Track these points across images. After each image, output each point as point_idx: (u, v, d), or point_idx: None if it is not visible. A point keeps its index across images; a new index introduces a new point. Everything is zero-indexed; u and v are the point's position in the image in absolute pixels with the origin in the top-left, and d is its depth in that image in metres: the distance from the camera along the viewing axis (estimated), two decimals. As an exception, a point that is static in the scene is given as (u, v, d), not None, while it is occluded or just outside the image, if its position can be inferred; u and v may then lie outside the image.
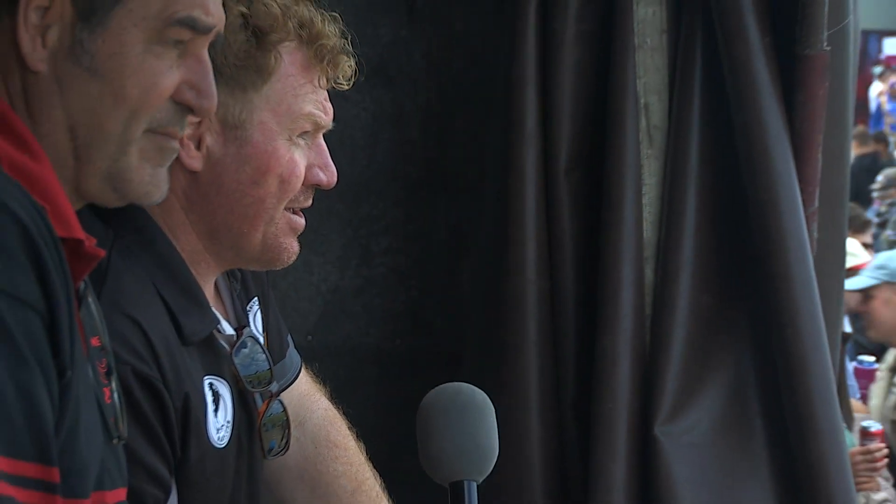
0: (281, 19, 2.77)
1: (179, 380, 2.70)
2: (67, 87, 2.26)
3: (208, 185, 2.80)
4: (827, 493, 3.89)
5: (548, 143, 4.00)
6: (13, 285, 2.06)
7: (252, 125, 2.78)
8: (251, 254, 2.86)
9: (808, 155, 3.94)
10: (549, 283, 4.01)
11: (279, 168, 2.80)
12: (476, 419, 2.72)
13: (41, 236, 2.12)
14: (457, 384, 2.77)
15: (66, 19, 2.24)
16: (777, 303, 3.88)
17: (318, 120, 2.85)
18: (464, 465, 2.70)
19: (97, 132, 2.27)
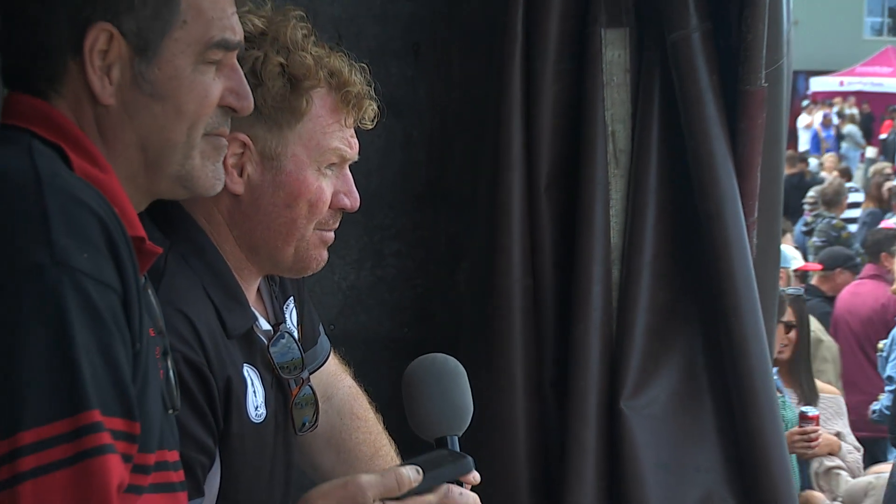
0: (313, 69, 2.81)
1: (222, 365, 2.73)
2: (135, 113, 2.30)
3: (248, 206, 2.83)
4: (764, 455, 3.92)
5: (530, 165, 4.02)
6: (98, 271, 2.11)
7: (286, 157, 2.82)
8: (285, 264, 2.90)
9: (748, 174, 3.96)
10: (532, 282, 4.02)
11: (308, 194, 2.83)
12: (451, 383, 2.77)
13: (116, 231, 2.15)
14: (432, 355, 2.82)
15: (124, 57, 2.27)
16: (722, 297, 3.91)
17: (343, 154, 2.89)
18: (445, 423, 2.78)
19: (165, 144, 2.32)
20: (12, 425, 2.02)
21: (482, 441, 3.96)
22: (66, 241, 2.08)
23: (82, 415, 2.04)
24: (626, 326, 3.97)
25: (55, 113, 2.28)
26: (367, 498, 2.40)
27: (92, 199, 2.16)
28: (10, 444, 2.02)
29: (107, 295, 2.11)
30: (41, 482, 2.01)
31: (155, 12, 2.29)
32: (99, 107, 2.29)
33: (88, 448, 2.04)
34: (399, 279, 4.39)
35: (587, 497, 3.90)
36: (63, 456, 2.03)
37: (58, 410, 2.03)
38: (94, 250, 2.11)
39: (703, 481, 3.94)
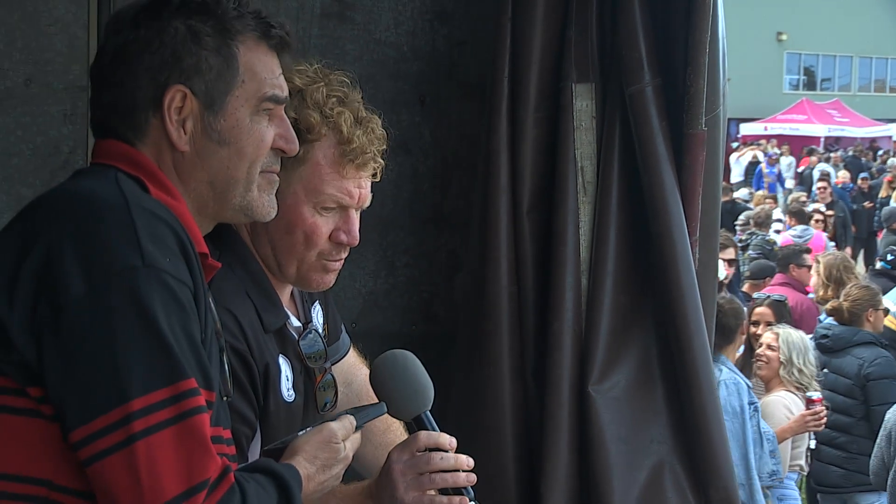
0: (317, 126, 2.76)
1: (262, 354, 2.72)
2: (206, 156, 2.34)
3: (261, 229, 2.81)
4: (706, 429, 3.89)
5: (515, 193, 3.99)
6: (177, 271, 2.15)
7: (287, 192, 2.76)
8: (289, 278, 2.87)
9: (691, 201, 3.94)
10: (516, 288, 4.00)
11: (303, 226, 2.79)
12: (411, 373, 2.73)
13: (187, 243, 2.22)
14: (384, 355, 2.79)
15: (195, 111, 2.30)
16: (671, 301, 3.88)
17: (340, 201, 2.81)
18: (416, 404, 2.72)
19: (230, 181, 2.35)
20: (122, 395, 2.05)
21: (475, 420, 3.96)
22: (152, 247, 2.12)
23: (181, 382, 2.08)
24: (592, 325, 3.93)
25: (135, 152, 2.30)
26: (338, 438, 2.43)
27: (168, 217, 2.20)
28: (122, 412, 2.04)
29: (184, 290, 2.15)
30: (152, 440, 2.04)
31: (219, 75, 2.31)
32: (176, 152, 2.32)
33: (188, 409, 2.08)
34: (408, 286, 4.36)
35: (561, 465, 3.87)
36: (168, 416, 2.06)
37: (160, 380, 2.07)
38: (173, 255, 2.15)
39: (656, 451, 3.90)
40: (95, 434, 2.06)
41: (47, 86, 4.11)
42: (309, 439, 2.42)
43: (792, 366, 7.60)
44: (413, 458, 2.70)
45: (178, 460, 2.05)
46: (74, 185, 2.28)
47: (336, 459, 2.42)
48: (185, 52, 2.29)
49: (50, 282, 2.10)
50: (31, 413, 2.13)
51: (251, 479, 2.19)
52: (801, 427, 7.45)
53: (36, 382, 2.11)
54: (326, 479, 2.42)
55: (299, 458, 2.37)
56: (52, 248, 2.12)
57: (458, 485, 2.70)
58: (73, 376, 2.08)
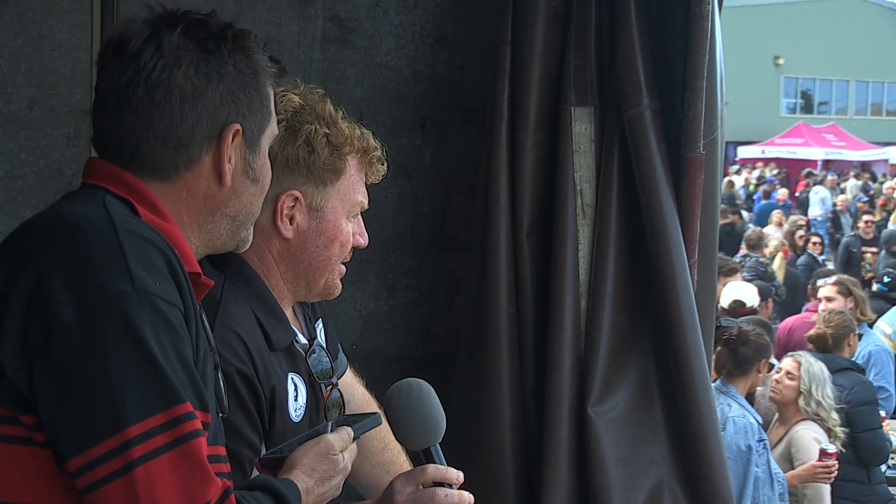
0: (350, 138, 2.85)
1: (268, 376, 2.72)
2: (241, 193, 2.38)
3: (296, 248, 2.84)
4: (705, 450, 3.89)
5: (514, 215, 4.00)
6: (167, 294, 2.13)
7: (327, 209, 2.83)
8: (317, 291, 2.90)
9: (689, 223, 3.94)
10: (515, 309, 4.00)
11: (341, 237, 2.86)
12: (425, 405, 2.72)
13: (176, 264, 2.20)
14: (400, 383, 2.75)
15: (238, 150, 2.33)
16: (670, 323, 3.88)
17: (363, 204, 2.91)
18: (427, 437, 2.71)
19: (249, 216, 2.41)
20: (118, 423, 2.04)
21: (475, 439, 3.96)
22: (141, 272, 2.10)
23: (177, 407, 2.07)
24: (592, 346, 3.93)
25: (126, 175, 2.28)
26: (336, 449, 2.41)
27: (156, 239, 2.19)
28: (120, 439, 2.03)
29: (175, 313, 2.13)
30: (151, 465, 2.03)
31: (262, 116, 2.35)
32: (214, 185, 2.32)
33: (185, 433, 2.07)
34: (409, 307, 4.37)
35: (561, 484, 3.86)
36: (166, 441, 2.05)
37: (155, 406, 2.05)
38: (162, 278, 2.14)
39: (655, 472, 3.90)
40: (93, 462, 2.04)
41: (51, 109, 4.13)
42: (307, 452, 2.41)
43: (811, 397, 7.43)
44: (417, 493, 2.67)
45: (178, 485, 2.05)
46: (62, 208, 2.26)
47: (335, 471, 2.41)
48: (239, 90, 2.30)
49: (40, 308, 2.08)
50: (25, 441, 2.11)
51: (251, 498, 2.18)
52: (810, 477, 7.31)
53: (28, 410, 2.09)
54: (326, 490, 2.41)
55: (297, 471, 2.36)
56: (40, 274, 2.10)
57: None
58: (67, 404, 2.06)
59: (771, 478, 6.72)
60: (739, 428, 6.58)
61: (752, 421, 6.68)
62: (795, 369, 7.49)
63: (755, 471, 6.58)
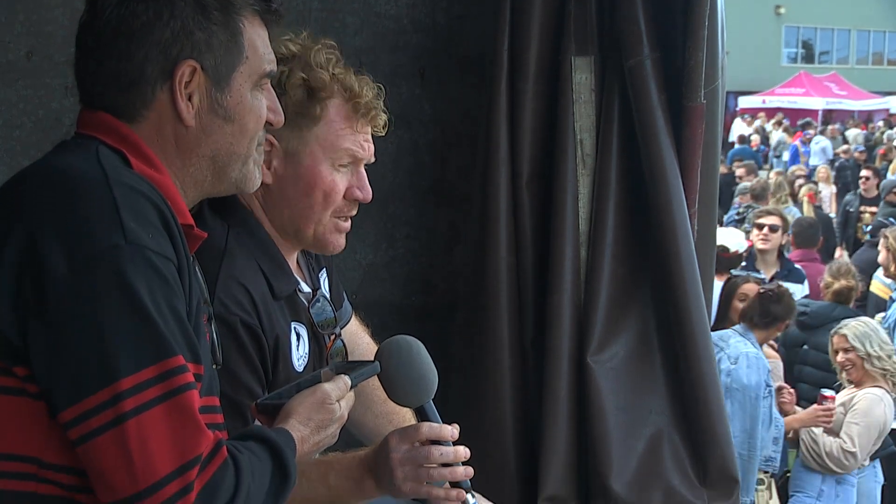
0: (328, 83, 2.80)
1: (272, 325, 2.73)
2: (210, 132, 2.33)
3: (276, 194, 2.83)
4: (704, 399, 3.92)
5: (514, 165, 4.01)
6: (160, 247, 2.13)
7: (304, 154, 2.80)
8: (306, 242, 2.88)
9: (690, 173, 3.96)
10: (515, 259, 4.02)
11: (323, 185, 2.81)
12: (416, 363, 2.71)
13: (168, 216, 2.19)
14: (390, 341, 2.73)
15: (202, 87, 2.30)
16: (670, 272, 3.90)
17: (355, 154, 2.85)
18: (419, 395, 2.70)
19: (231, 156, 2.36)
20: (111, 375, 2.04)
21: (474, 390, 3.98)
22: (134, 224, 2.10)
23: (169, 360, 2.07)
24: (591, 296, 3.95)
25: (119, 125, 2.28)
26: (332, 398, 2.40)
27: (148, 191, 2.18)
28: (112, 391, 2.04)
29: (168, 266, 2.13)
30: (142, 418, 2.04)
31: (227, 51, 2.31)
32: (180, 127, 2.30)
33: (177, 386, 2.07)
34: (408, 258, 4.37)
35: (560, 434, 3.90)
36: (158, 394, 2.05)
37: (147, 358, 2.06)
38: (154, 230, 2.13)
39: (654, 421, 3.94)
40: (85, 414, 2.05)
41: (49, 58, 4.12)
42: (303, 401, 2.40)
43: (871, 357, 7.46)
44: (412, 450, 2.67)
45: (170, 438, 2.05)
46: (55, 160, 2.26)
47: (331, 420, 2.41)
48: (195, 25, 2.28)
49: (32, 262, 2.08)
50: (18, 392, 2.12)
51: (244, 449, 2.18)
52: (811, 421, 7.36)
53: (21, 362, 2.11)
54: (321, 439, 2.41)
55: (293, 420, 2.35)
56: (33, 228, 2.10)
57: (455, 479, 2.69)
58: (60, 357, 2.07)
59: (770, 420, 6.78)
60: (752, 362, 6.66)
61: (764, 360, 6.76)
62: (845, 342, 7.51)
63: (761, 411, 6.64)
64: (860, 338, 7.46)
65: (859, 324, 7.61)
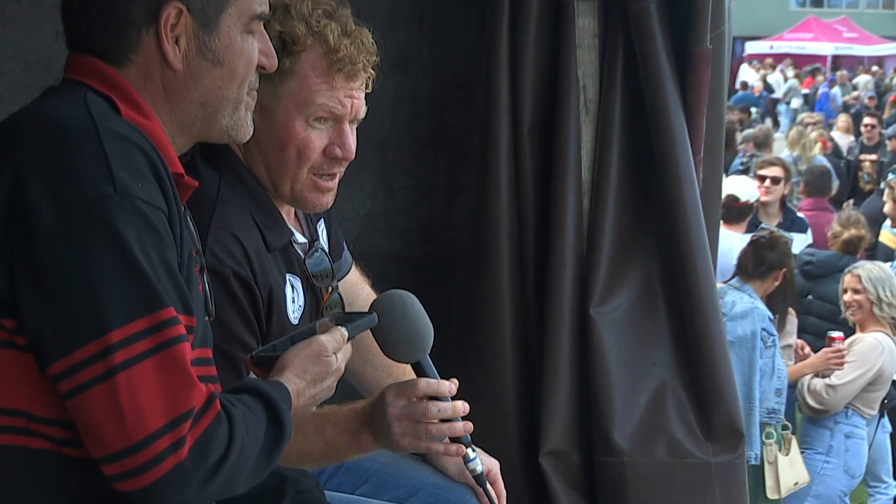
0: (303, 37, 2.75)
1: (266, 277, 2.72)
2: (198, 76, 2.31)
3: (253, 147, 2.79)
4: (709, 351, 3.92)
5: (515, 113, 3.98)
6: (150, 197, 2.11)
7: (278, 108, 2.76)
8: (285, 198, 2.85)
9: (695, 120, 3.94)
10: (517, 209, 4.00)
11: (295, 142, 2.77)
12: (411, 317, 2.68)
13: (159, 165, 2.17)
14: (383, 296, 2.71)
15: (188, 30, 2.28)
16: (675, 222, 3.89)
17: (332, 110, 2.79)
18: (415, 350, 2.69)
19: (221, 101, 2.33)
20: (100, 327, 2.03)
21: (474, 343, 3.98)
22: (123, 173, 2.08)
23: (160, 312, 2.06)
24: (594, 246, 3.94)
25: (108, 70, 2.26)
26: (328, 351, 2.37)
27: (138, 138, 2.16)
28: (102, 344, 2.03)
29: (159, 216, 2.12)
30: (133, 371, 2.03)
31: None
32: (167, 71, 2.27)
33: (168, 339, 2.06)
34: (407, 208, 4.37)
35: (562, 386, 3.90)
36: (148, 347, 2.04)
37: (138, 310, 2.05)
38: (145, 180, 2.12)
39: (658, 374, 3.93)
40: (75, 367, 2.04)
41: (38, 2, 4.09)
42: (298, 353, 2.39)
43: (882, 302, 7.43)
44: (409, 406, 2.66)
45: (161, 391, 2.05)
46: (42, 107, 2.24)
47: (327, 373, 2.39)
48: None
49: (19, 211, 2.07)
50: (6, 344, 2.11)
51: (238, 403, 2.17)
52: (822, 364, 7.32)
53: (9, 313, 2.09)
54: (317, 392, 2.40)
55: (288, 373, 2.34)
56: (20, 177, 2.08)
57: (454, 434, 2.68)
58: (49, 308, 2.06)
59: (773, 372, 6.77)
60: (746, 312, 6.63)
61: (762, 309, 6.73)
62: (857, 283, 7.48)
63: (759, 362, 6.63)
64: (874, 281, 7.43)
65: (875, 267, 7.59)
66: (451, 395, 2.68)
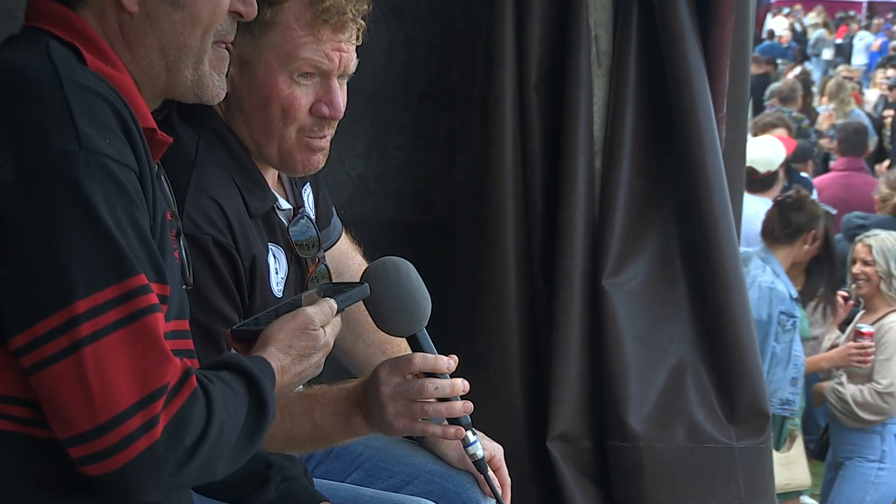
0: None
1: (248, 245, 2.70)
2: (156, 20, 2.28)
3: (234, 105, 2.77)
4: (732, 325, 3.94)
5: (521, 65, 3.98)
6: (119, 154, 2.10)
7: (259, 63, 2.73)
8: (272, 161, 2.83)
9: (718, 73, 3.94)
10: (522, 170, 4.00)
11: (279, 99, 2.74)
12: (406, 288, 2.66)
13: (128, 119, 2.15)
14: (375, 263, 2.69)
15: None
16: (695, 185, 3.90)
17: (318, 65, 2.76)
18: (411, 323, 2.67)
19: (182, 49, 2.30)
20: (65, 297, 2.02)
21: (476, 317, 3.98)
22: (89, 129, 2.07)
23: (130, 279, 2.05)
24: (607, 211, 3.95)
25: (72, 16, 2.24)
26: (315, 324, 2.36)
27: (105, 91, 2.15)
28: (67, 315, 2.02)
29: (128, 175, 2.11)
30: (101, 344, 2.02)
31: None
32: (123, 14, 2.26)
33: (139, 309, 2.05)
34: (402, 169, 4.36)
35: (572, 365, 3.91)
36: (118, 318, 2.03)
37: (107, 278, 2.03)
38: (112, 136, 2.10)
39: (676, 351, 3.95)
40: (37, 340, 2.03)
41: (-1, -55, 4.09)
42: (283, 327, 2.37)
43: (892, 278, 7.29)
44: (404, 383, 2.65)
45: (132, 366, 2.04)
46: (1, 57, 2.21)
47: (314, 348, 2.38)
48: None
49: None
50: None
51: (216, 380, 2.16)
52: (843, 361, 7.21)
53: None
54: (304, 369, 2.38)
55: (271, 348, 2.32)
56: None
57: (452, 415, 2.67)
58: (9, 275, 2.05)
59: (789, 359, 6.72)
60: (764, 293, 6.57)
61: (781, 290, 6.67)
62: (867, 253, 7.36)
63: (773, 346, 6.60)
64: (885, 252, 7.29)
65: (891, 238, 7.45)
66: (450, 372, 2.68)
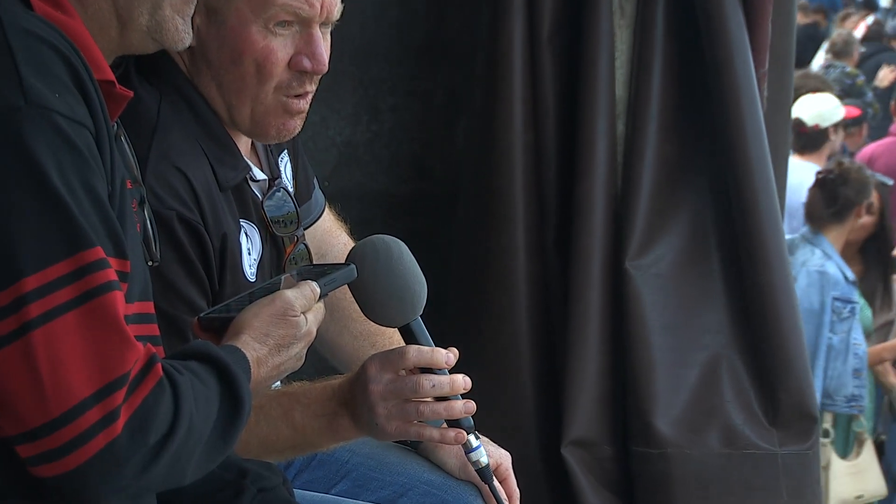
0: None
1: (218, 222, 2.68)
2: None
3: (200, 60, 2.75)
4: (773, 310, 3.94)
5: (532, 14, 3.96)
6: (71, 110, 2.08)
7: (229, 11, 2.70)
8: (244, 126, 2.80)
9: (759, 22, 3.93)
10: (533, 136, 4.00)
11: (254, 53, 2.72)
12: (399, 271, 2.63)
13: (82, 71, 2.13)
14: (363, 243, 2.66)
15: None
16: (731, 150, 3.89)
17: (297, 11, 2.72)
18: (404, 311, 2.65)
19: None
20: (10, 274, 2.01)
21: (480, 302, 3.98)
22: (36, 80, 2.06)
23: (85, 252, 2.04)
24: (631, 182, 3.95)
25: None
26: (295, 309, 2.34)
27: (55, 39, 2.13)
28: (13, 294, 2.01)
29: (82, 133, 2.09)
30: (52, 327, 2.01)
31: None
32: None
33: (95, 286, 2.04)
34: (396, 134, 4.35)
35: (590, 359, 3.90)
36: (71, 297, 2.03)
37: (57, 251, 2.03)
38: (64, 89, 2.09)
39: (710, 343, 3.94)
40: None
41: None
42: (258, 313, 2.36)
43: None
44: (397, 380, 2.62)
45: (88, 351, 2.03)
46: None
47: (295, 337, 2.37)
48: None
49: None
50: None
51: (185, 370, 2.14)
52: None
53: None
54: (283, 361, 2.37)
55: (246, 336, 2.30)
56: None
57: (452, 416, 2.65)
58: None
59: (847, 349, 6.73)
60: (814, 280, 6.59)
61: (833, 272, 6.67)
62: None
63: (828, 337, 6.61)
64: None
65: None
66: (449, 367, 2.66)
